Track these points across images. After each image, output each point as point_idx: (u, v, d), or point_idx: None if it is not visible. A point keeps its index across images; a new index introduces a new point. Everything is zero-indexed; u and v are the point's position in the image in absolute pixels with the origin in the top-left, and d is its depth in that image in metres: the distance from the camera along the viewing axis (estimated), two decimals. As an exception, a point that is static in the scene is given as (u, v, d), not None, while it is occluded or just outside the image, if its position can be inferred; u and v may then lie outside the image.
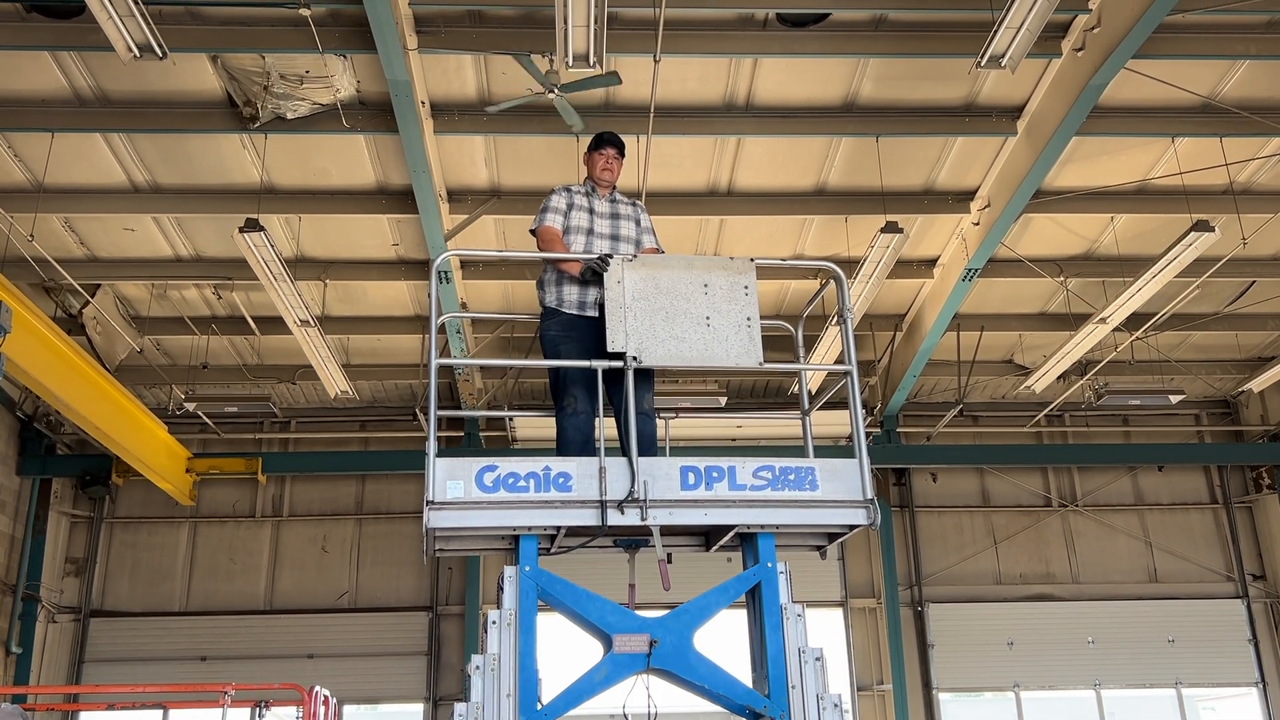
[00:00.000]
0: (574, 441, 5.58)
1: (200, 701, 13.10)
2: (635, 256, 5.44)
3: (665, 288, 5.28)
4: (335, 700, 12.10)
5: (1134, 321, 14.41)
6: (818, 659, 5.02)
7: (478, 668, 4.72)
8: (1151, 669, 16.77)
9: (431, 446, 4.95)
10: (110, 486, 16.33)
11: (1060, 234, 13.47)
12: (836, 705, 4.97)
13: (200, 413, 15.77)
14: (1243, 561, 17.49)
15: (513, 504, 4.91)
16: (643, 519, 4.92)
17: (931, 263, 14.10)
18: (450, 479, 4.91)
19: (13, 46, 9.84)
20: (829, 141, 11.74)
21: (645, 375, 5.76)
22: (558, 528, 5.04)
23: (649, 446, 5.58)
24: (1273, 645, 17.07)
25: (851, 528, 5.26)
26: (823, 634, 15.78)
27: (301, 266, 13.16)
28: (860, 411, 5.42)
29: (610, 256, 5.39)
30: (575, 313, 5.85)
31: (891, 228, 11.48)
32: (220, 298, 14.37)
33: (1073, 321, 14.43)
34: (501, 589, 4.96)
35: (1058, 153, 10.86)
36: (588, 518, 4.91)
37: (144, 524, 16.95)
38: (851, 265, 12.24)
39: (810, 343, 14.19)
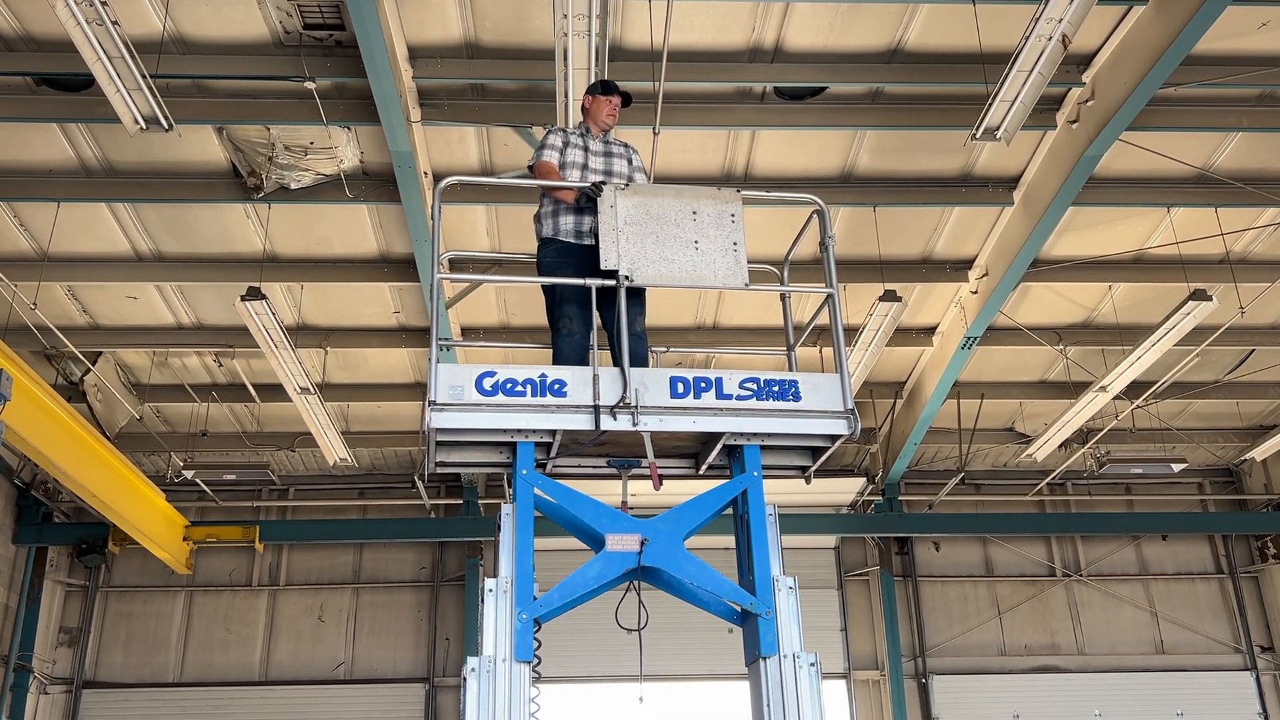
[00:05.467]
0: (569, 360, 5.82)
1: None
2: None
3: (656, 213, 5.55)
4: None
5: (1134, 390, 14.40)
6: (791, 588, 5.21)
7: (473, 669, 4.77)
8: (1161, 743, 16.49)
9: (434, 352, 5.22)
10: (106, 555, 16.17)
11: (1058, 302, 13.53)
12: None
13: (198, 480, 15.70)
14: (1250, 633, 17.26)
15: (511, 407, 5.14)
16: (634, 424, 5.16)
17: (930, 331, 14.14)
18: (451, 383, 5.14)
19: (22, 119, 10.01)
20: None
21: (637, 299, 6.04)
22: (553, 436, 5.24)
23: (640, 366, 5.71)
24: (1283, 719, 16.79)
25: (833, 439, 5.47)
26: (826, 707, 15.55)
27: (303, 334, 13.20)
28: (841, 332, 5.71)
29: (603, 183, 5.66)
30: (571, 240, 6.11)
31: (890, 296, 11.54)
32: (221, 365, 14.39)
33: (1073, 390, 14.43)
34: (499, 526, 5.11)
35: (1054, 222, 10.95)
36: (582, 422, 5.15)
37: (139, 593, 16.78)
38: (851, 333, 12.29)
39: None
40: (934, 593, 17.32)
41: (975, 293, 12.65)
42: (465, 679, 4.74)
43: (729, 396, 5.30)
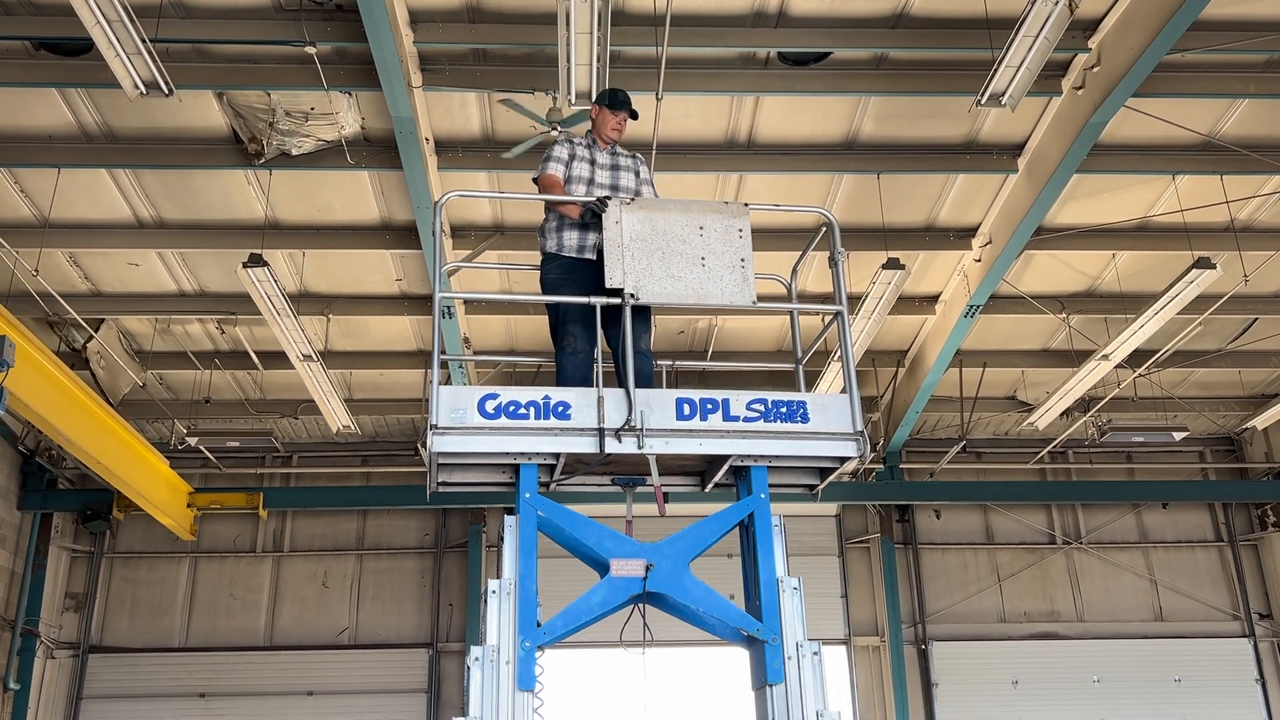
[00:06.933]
0: (573, 379, 5.74)
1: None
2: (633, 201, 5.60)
3: (662, 229, 5.41)
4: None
5: (1136, 358, 14.39)
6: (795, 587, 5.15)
7: (476, 658, 4.76)
8: (1158, 709, 16.56)
9: (435, 375, 5.13)
10: (111, 521, 16.25)
11: (1062, 270, 13.49)
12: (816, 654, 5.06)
13: (202, 447, 15.75)
14: (1249, 600, 17.34)
15: (514, 430, 5.02)
16: (639, 447, 5.04)
17: (933, 299, 14.12)
18: (453, 407, 5.03)
19: (21, 84, 9.94)
20: (830, 178, 11.80)
21: (643, 317, 5.92)
22: (557, 458, 5.15)
23: (645, 386, 5.64)
24: (1280, 685, 16.90)
25: (841, 461, 5.36)
26: (826, 672, 15.63)
27: (305, 301, 13.19)
28: (851, 350, 5.58)
29: (609, 198, 5.52)
30: (575, 256, 6.01)
31: (893, 264, 11.50)
32: (223, 332, 14.40)
33: (1075, 358, 14.42)
34: (503, 538, 5.04)
35: (1059, 190, 10.90)
36: (586, 445, 5.03)
37: (144, 559, 16.88)
38: (853, 301, 12.26)
39: (811, 380, 14.18)
40: (934, 560, 17.40)
41: (978, 260, 12.62)
42: (469, 668, 4.74)
43: (736, 418, 5.17)
